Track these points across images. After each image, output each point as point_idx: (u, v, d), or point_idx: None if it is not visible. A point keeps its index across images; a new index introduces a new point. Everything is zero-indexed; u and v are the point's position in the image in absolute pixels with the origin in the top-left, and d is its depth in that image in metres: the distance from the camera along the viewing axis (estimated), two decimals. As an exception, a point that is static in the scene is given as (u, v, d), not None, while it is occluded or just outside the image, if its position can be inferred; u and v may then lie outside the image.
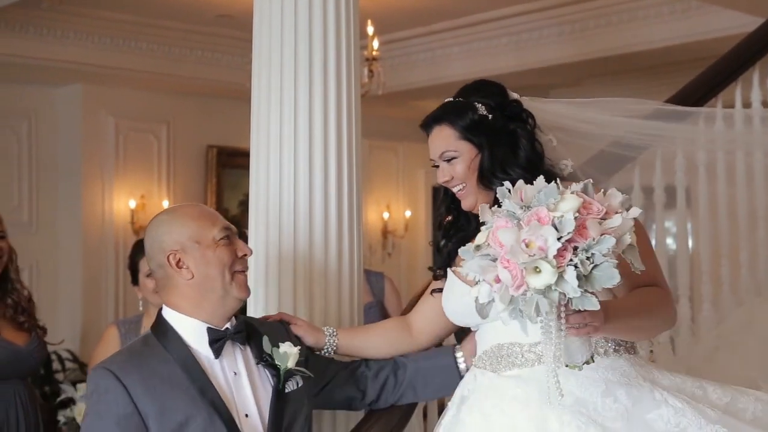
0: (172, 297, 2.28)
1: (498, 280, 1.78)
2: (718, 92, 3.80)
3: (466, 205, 2.33)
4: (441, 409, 2.97)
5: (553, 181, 1.85)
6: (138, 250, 3.60)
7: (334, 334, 2.52)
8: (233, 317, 2.30)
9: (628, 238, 1.80)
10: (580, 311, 1.81)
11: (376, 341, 2.57)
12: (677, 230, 3.76)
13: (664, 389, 2.09)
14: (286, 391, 2.26)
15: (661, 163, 3.72)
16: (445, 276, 2.41)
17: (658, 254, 3.64)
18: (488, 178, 2.28)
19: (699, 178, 3.75)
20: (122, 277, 6.67)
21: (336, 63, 2.82)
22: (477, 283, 1.85)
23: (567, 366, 1.91)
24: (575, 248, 1.75)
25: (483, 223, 1.90)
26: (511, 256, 1.75)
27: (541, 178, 1.88)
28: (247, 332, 2.30)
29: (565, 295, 1.76)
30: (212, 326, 2.24)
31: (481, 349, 2.31)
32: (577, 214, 1.77)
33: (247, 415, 2.22)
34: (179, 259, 2.23)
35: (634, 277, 2.05)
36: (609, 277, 1.75)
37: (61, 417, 3.98)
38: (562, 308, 1.80)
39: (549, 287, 1.74)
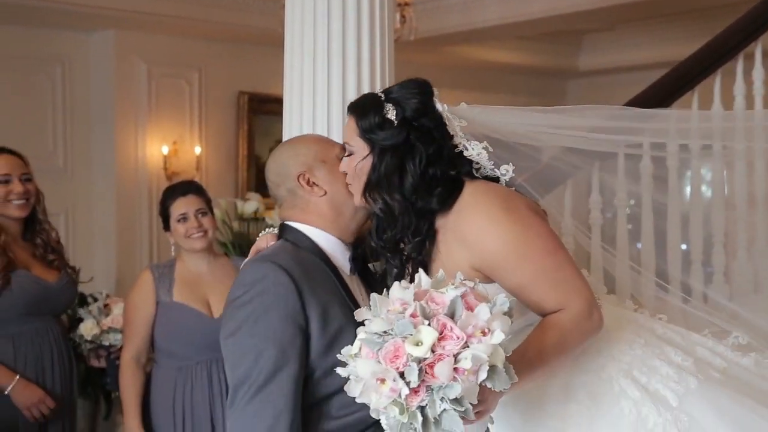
0: (303, 215, 2.27)
1: None
2: (758, 36, 3.73)
3: (354, 200, 2.24)
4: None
5: (407, 314, 1.78)
6: (168, 195, 3.63)
7: None
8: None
9: (484, 374, 1.74)
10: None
11: None
12: (713, 177, 3.72)
13: (624, 374, 2.07)
14: None
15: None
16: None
17: (694, 204, 3.64)
18: (367, 191, 2.17)
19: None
20: (155, 222, 6.72)
21: (369, 7, 2.80)
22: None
23: None
24: (429, 387, 1.74)
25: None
26: (364, 394, 1.78)
27: (395, 291, 1.83)
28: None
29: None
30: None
31: None
32: (429, 354, 1.73)
33: None
34: (308, 179, 2.26)
35: (541, 305, 2.03)
36: (455, 424, 1.74)
37: (75, 337, 4.08)
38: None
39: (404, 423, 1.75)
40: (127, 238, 6.84)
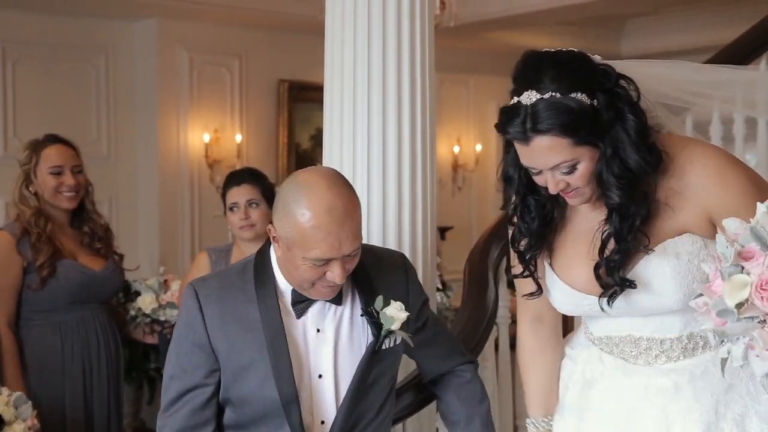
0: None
1: None
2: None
3: (576, 202, 2.04)
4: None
5: None
6: (226, 182, 3.72)
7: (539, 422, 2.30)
8: None
9: None
10: None
11: (546, 374, 2.28)
12: (757, 163, 3.68)
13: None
14: (382, 348, 2.17)
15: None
16: (530, 276, 2.16)
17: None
18: (607, 180, 1.95)
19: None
20: (197, 209, 6.80)
21: (410, -6, 2.79)
22: (723, 342, 1.64)
23: None
24: None
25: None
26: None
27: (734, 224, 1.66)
28: (358, 280, 2.20)
29: None
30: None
31: (603, 333, 2.12)
32: None
33: (320, 376, 2.15)
34: (275, 237, 2.12)
35: None
36: None
37: (132, 310, 4.13)
38: None
39: None
40: (169, 225, 6.90)
